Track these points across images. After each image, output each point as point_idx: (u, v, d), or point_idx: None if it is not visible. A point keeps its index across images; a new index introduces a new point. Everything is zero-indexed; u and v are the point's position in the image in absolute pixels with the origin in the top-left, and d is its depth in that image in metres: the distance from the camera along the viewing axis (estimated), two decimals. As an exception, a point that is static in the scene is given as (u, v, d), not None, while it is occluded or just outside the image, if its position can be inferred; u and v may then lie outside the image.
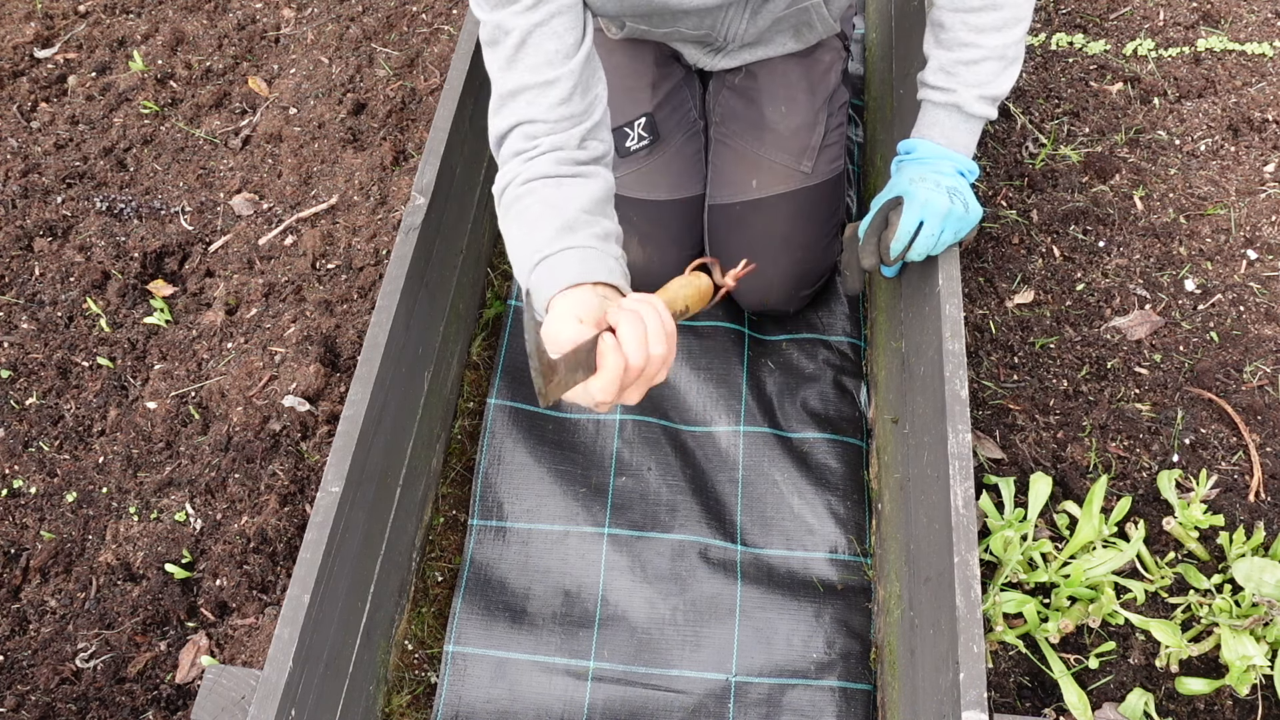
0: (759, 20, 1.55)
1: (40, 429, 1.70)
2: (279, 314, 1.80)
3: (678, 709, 1.50)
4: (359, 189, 1.97)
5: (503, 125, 1.26)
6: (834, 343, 1.83)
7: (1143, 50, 2.09)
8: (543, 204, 1.19)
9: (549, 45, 1.23)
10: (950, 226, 1.34)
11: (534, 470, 1.69)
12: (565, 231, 1.16)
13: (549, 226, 1.16)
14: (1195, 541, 1.43)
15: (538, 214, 1.18)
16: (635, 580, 1.59)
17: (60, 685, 1.44)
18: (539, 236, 1.16)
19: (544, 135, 1.24)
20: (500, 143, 1.28)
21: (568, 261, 1.13)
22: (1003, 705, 1.33)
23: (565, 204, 1.19)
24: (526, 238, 1.18)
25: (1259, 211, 1.81)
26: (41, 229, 1.94)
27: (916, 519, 1.35)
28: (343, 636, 1.31)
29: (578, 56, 1.24)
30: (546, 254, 1.14)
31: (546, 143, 1.24)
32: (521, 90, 1.24)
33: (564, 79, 1.23)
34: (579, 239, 1.15)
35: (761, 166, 1.70)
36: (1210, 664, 1.35)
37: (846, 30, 1.78)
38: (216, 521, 1.58)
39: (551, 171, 1.23)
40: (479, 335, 1.87)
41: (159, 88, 2.19)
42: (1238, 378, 1.62)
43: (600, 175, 1.27)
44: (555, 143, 1.24)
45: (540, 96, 1.23)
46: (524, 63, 1.23)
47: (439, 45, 2.21)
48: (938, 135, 1.38)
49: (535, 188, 1.22)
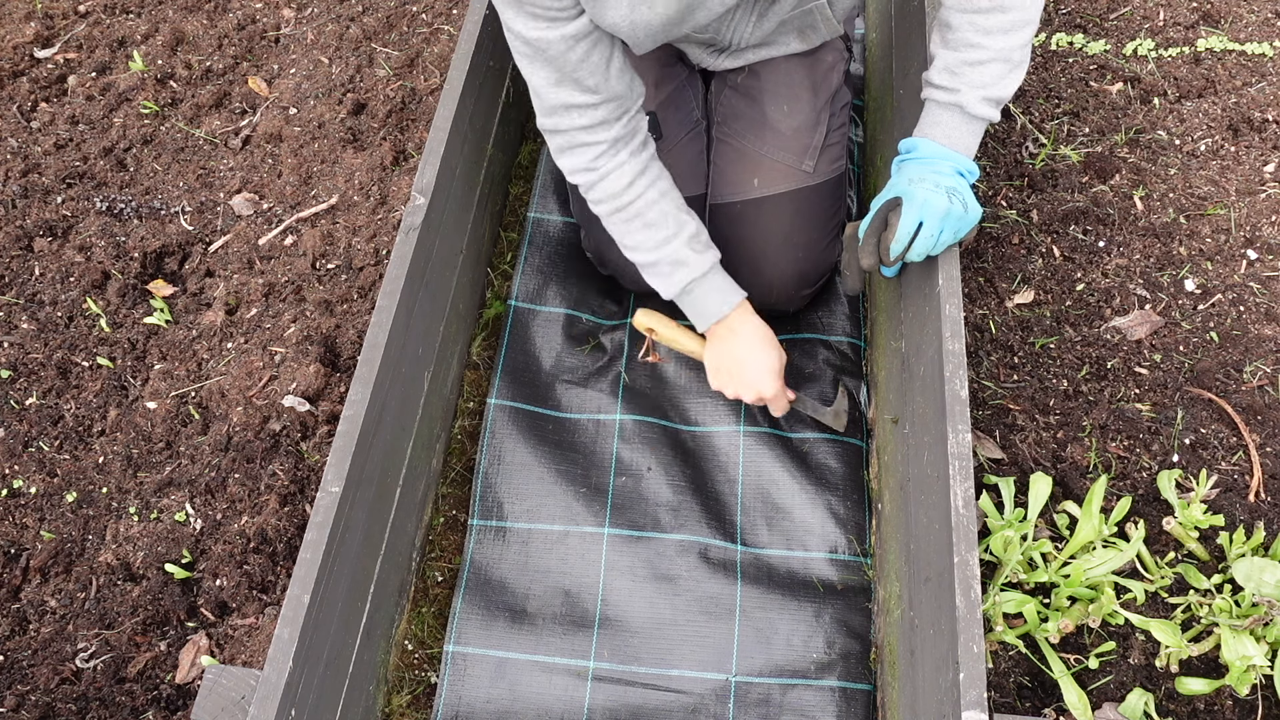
0: (765, 23, 1.56)
1: (40, 429, 1.70)
2: (279, 314, 1.81)
3: (678, 709, 1.50)
4: (359, 189, 1.97)
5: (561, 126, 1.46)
6: (834, 343, 1.83)
7: (1143, 50, 2.09)
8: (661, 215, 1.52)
9: (594, 57, 1.37)
10: (949, 227, 1.34)
11: (534, 470, 1.69)
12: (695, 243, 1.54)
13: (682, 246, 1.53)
14: (1195, 541, 1.43)
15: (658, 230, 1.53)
16: (635, 580, 1.59)
17: (60, 685, 1.44)
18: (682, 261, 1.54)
19: (606, 133, 1.46)
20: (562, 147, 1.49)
21: (717, 279, 1.57)
22: (1003, 705, 1.33)
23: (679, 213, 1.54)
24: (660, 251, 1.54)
25: (1259, 211, 1.81)
26: (41, 229, 1.94)
27: (916, 519, 1.35)
28: (343, 636, 1.31)
29: (615, 62, 1.41)
30: (700, 271, 1.54)
31: (608, 137, 1.46)
32: (578, 104, 1.42)
33: (615, 85, 1.42)
34: (710, 252, 1.56)
35: (763, 165, 1.70)
36: (1210, 664, 1.35)
37: (849, 31, 1.78)
38: (216, 521, 1.58)
39: (637, 169, 1.49)
40: (479, 335, 1.87)
41: (159, 88, 2.19)
42: (1238, 378, 1.62)
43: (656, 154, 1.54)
44: (616, 135, 1.46)
45: (596, 110, 1.43)
46: (578, 79, 1.39)
47: (439, 45, 2.21)
48: (939, 135, 1.38)
49: (638, 193, 1.50)
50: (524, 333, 1.85)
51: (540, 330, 1.85)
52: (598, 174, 1.50)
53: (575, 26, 1.34)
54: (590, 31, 1.35)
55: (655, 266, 1.56)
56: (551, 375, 1.80)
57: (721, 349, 1.62)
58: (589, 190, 1.53)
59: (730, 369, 1.62)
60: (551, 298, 1.88)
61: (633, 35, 1.38)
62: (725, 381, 1.63)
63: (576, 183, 1.53)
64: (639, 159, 1.50)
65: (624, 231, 1.55)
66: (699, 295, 1.57)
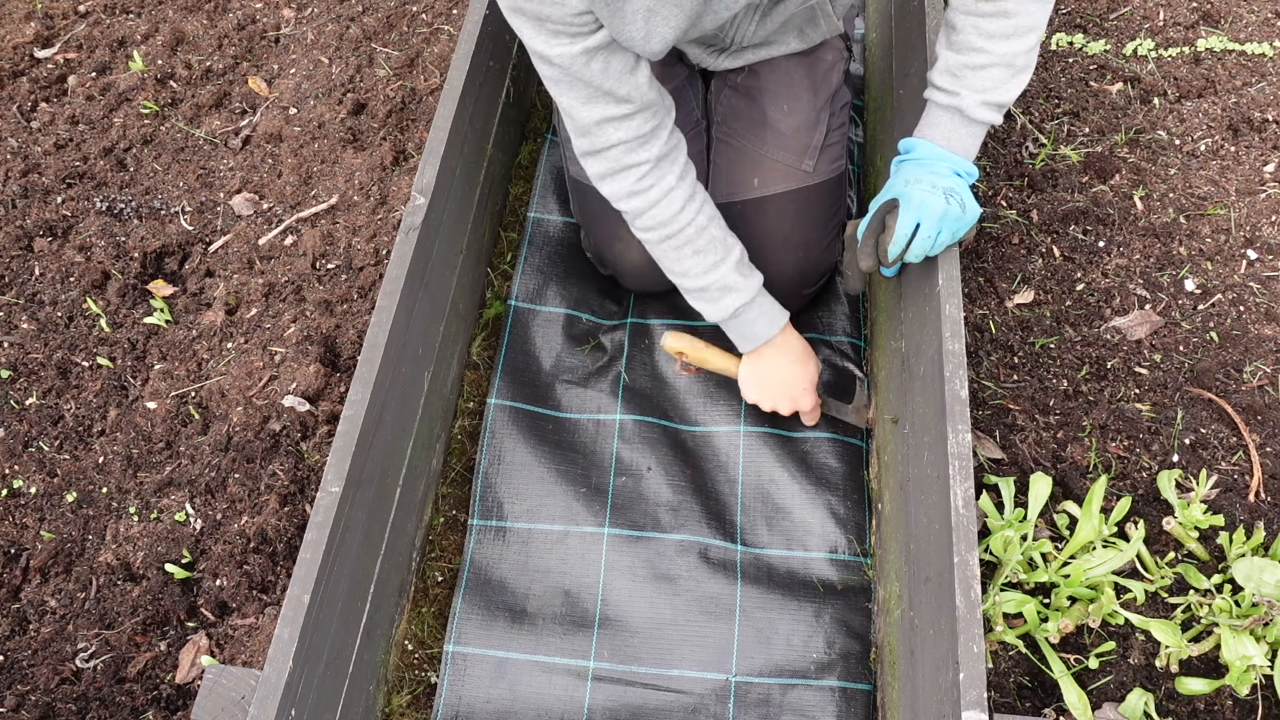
0: (769, 22, 1.56)
1: (40, 429, 1.70)
2: (279, 314, 1.81)
3: (678, 709, 1.50)
4: (359, 189, 1.97)
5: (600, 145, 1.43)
6: (834, 342, 1.83)
7: (1143, 50, 2.09)
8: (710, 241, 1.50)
9: (615, 65, 1.35)
10: (947, 228, 1.34)
11: (534, 470, 1.69)
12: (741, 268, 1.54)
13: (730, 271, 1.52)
14: (1195, 541, 1.43)
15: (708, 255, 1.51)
16: (635, 580, 1.59)
17: (60, 685, 1.44)
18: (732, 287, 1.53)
19: (644, 150, 1.43)
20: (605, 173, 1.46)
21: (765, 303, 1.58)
22: (1003, 705, 1.33)
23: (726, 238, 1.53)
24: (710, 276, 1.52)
25: (1259, 211, 1.81)
26: (41, 229, 1.94)
27: (916, 519, 1.35)
28: (343, 636, 1.31)
29: (642, 70, 1.39)
30: (750, 296, 1.54)
31: (649, 156, 1.43)
32: (612, 116, 1.39)
33: (647, 94, 1.40)
34: (756, 275, 1.56)
35: (763, 165, 1.70)
36: (1210, 664, 1.35)
37: (849, 30, 1.78)
38: (216, 521, 1.58)
39: (685, 194, 1.47)
40: (479, 335, 1.87)
41: (159, 88, 2.19)
42: (1238, 378, 1.62)
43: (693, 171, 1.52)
44: (656, 154, 1.43)
45: (631, 120, 1.40)
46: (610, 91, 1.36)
47: (439, 45, 2.21)
48: (938, 137, 1.38)
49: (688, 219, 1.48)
50: (524, 333, 1.85)
51: (540, 330, 1.85)
52: (645, 200, 1.46)
53: (595, 40, 1.32)
54: (609, 43, 1.34)
55: (704, 292, 1.54)
56: (551, 375, 1.80)
57: (763, 366, 1.62)
58: (637, 218, 1.49)
59: (769, 384, 1.63)
60: (551, 298, 1.88)
61: (647, 47, 1.37)
62: (761, 395, 1.64)
63: (624, 209, 1.49)
64: (685, 183, 1.48)
65: (673, 259, 1.52)
66: (748, 319, 1.56)
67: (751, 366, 1.63)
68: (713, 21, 1.43)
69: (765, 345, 1.59)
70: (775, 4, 1.52)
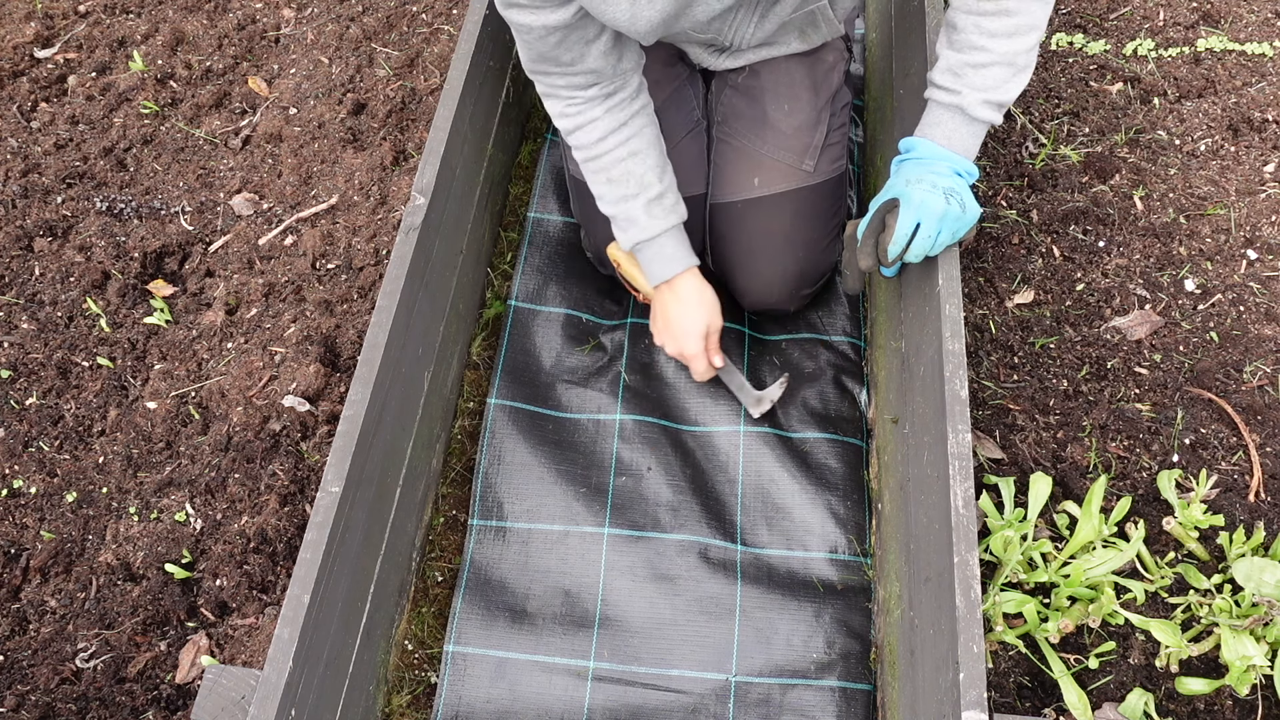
0: (767, 23, 1.56)
1: (40, 429, 1.70)
2: (279, 314, 1.81)
3: (678, 709, 1.50)
4: (359, 189, 1.97)
5: (542, 80, 1.52)
6: (834, 342, 1.83)
7: (1143, 50, 2.09)
8: (625, 174, 1.56)
9: (573, 38, 1.42)
10: (947, 228, 1.34)
11: (534, 470, 1.69)
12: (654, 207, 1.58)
13: (640, 207, 1.57)
14: (1195, 541, 1.43)
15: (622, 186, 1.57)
16: (635, 580, 1.59)
17: (60, 685, 1.44)
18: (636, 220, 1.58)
19: (582, 92, 1.51)
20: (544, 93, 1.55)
21: (668, 246, 1.61)
22: (1003, 705, 1.33)
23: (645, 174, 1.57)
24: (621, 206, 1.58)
25: (1259, 211, 1.81)
26: (41, 229, 1.94)
27: (916, 519, 1.35)
28: (343, 636, 1.31)
29: (601, 40, 1.45)
30: (652, 233, 1.58)
31: (585, 95, 1.51)
32: (556, 71, 1.48)
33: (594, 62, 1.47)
34: (667, 217, 1.59)
35: (764, 165, 1.70)
36: (1210, 664, 1.35)
37: (850, 32, 1.78)
38: (216, 521, 1.58)
39: (612, 125, 1.53)
40: (479, 335, 1.87)
41: (159, 88, 2.19)
42: (1238, 378, 1.62)
43: (648, 108, 1.59)
44: (593, 95, 1.51)
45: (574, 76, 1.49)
46: (555, 55, 1.44)
47: (439, 45, 2.21)
48: (939, 136, 1.38)
49: (609, 148, 1.54)
50: (524, 333, 1.85)
51: (540, 330, 1.85)
52: (572, 122, 1.55)
53: (556, 17, 1.37)
54: (568, 24, 1.39)
55: (614, 220, 1.62)
56: (551, 375, 1.80)
57: (660, 304, 1.69)
58: (567, 135, 1.58)
59: (663, 323, 1.69)
60: (551, 298, 1.88)
61: (633, 29, 1.38)
62: (658, 333, 1.71)
63: (556, 125, 1.59)
64: (616, 115, 1.54)
65: (591, 181, 1.61)
66: (647, 256, 1.62)
67: (654, 302, 1.71)
68: (704, 12, 1.43)
69: (663, 285, 1.65)
70: (773, 4, 1.52)
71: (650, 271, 1.64)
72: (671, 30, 1.46)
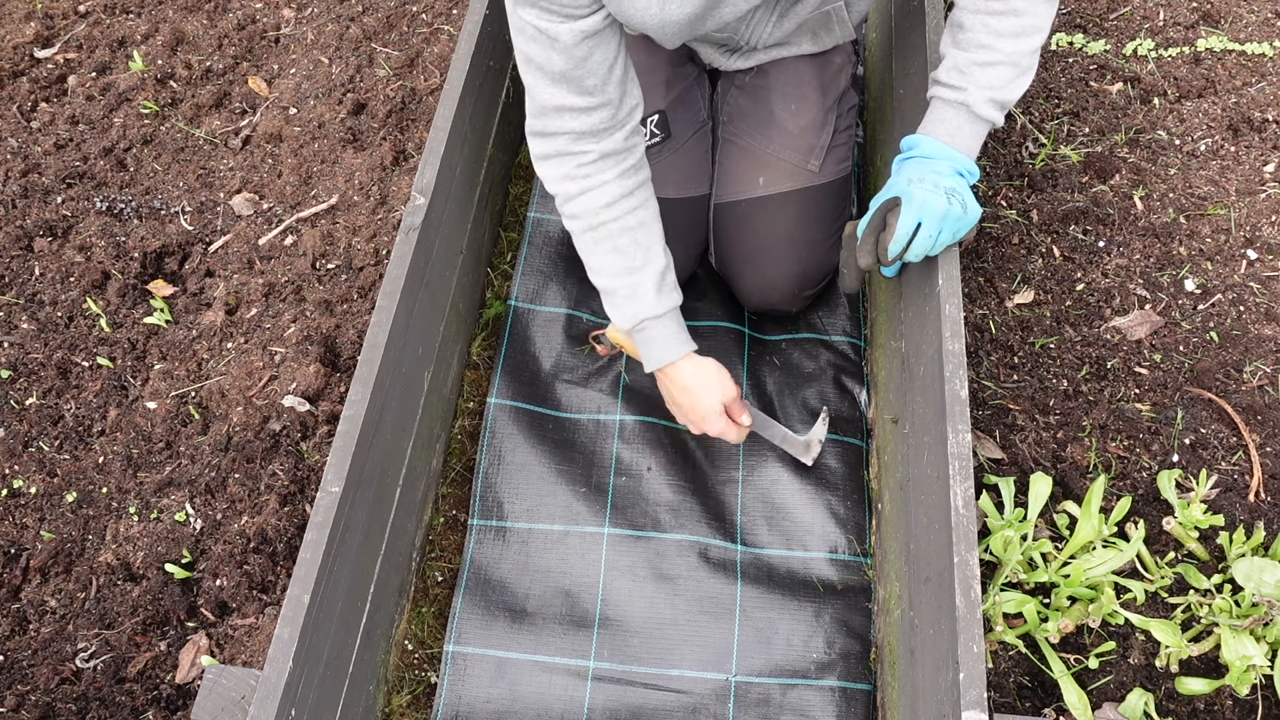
0: (785, 24, 1.56)
1: (40, 429, 1.70)
2: (279, 314, 1.81)
3: (678, 709, 1.50)
4: (359, 189, 1.97)
5: (550, 130, 1.42)
6: (834, 342, 1.83)
7: (1143, 50, 2.09)
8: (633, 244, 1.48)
9: (597, 58, 1.35)
10: (948, 227, 1.34)
11: (534, 470, 1.69)
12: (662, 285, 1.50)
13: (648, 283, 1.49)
14: (1195, 541, 1.43)
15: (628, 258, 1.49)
16: (635, 580, 1.59)
17: (60, 685, 1.44)
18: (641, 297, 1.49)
19: (594, 144, 1.42)
20: (546, 154, 1.45)
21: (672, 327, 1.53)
22: (1003, 705, 1.33)
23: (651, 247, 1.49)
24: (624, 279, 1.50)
25: (1259, 211, 1.81)
26: (41, 229, 1.94)
27: (916, 519, 1.35)
28: (343, 636, 1.31)
29: (619, 64, 1.39)
30: (657, 314, 1.50)
31: (597, 150, 1.42)
32: (571, 107, 1.39)
33: (613, 91, 1.39)
34: (672, 297, 1.52)
35: (769, 164, 1.70)
36: (1210, 664, 1.35)
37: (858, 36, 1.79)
38: (216, 521, 1.58)
39: (622, 191, 1.45)
40: (479, 335, 1.87)
41: (159, 88, 2.19)
42: (1238, 378, 1.62)
43: (649, 180, 1.51)
44: (605, 149, 1.43)
45: (590, 114, 1.40)
46: (579, 80, 1.36)
47: (439, 45, 2.21)
48: (942, 133, 1.38)
49: (616, 215, 1.46)
50: (524, 333, 1.85)
51: (540, 330, 1.85)
52: (578, 186, 1.45)
53: (586, 24, 1.32)
54: (599, 30, 1.33)
55: (613, 295, 1.52)
56: (551, 375, 1.80)
57: (667, 388, 1.60)
58: (566, 202, 1.47)
59: (678, 409, 1.61)
60: (551, 298, 1.88)
61: (661, 32, 1.37)
62: (679, 415, 1.63)
63: (555, 192, 1.48)
64: (627, 181, 1.46)
65: (591, 253, 1.50)
66: (650, 335, 1.53)
67: (660, 384, 1.61)
68: (732, 12, 1.42)
69: (668, 368, 1.56)
70: (793, 3, 1.52)
71: (651, 354, 1.54)
72: (695, 33, 1.45)
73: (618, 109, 1.41)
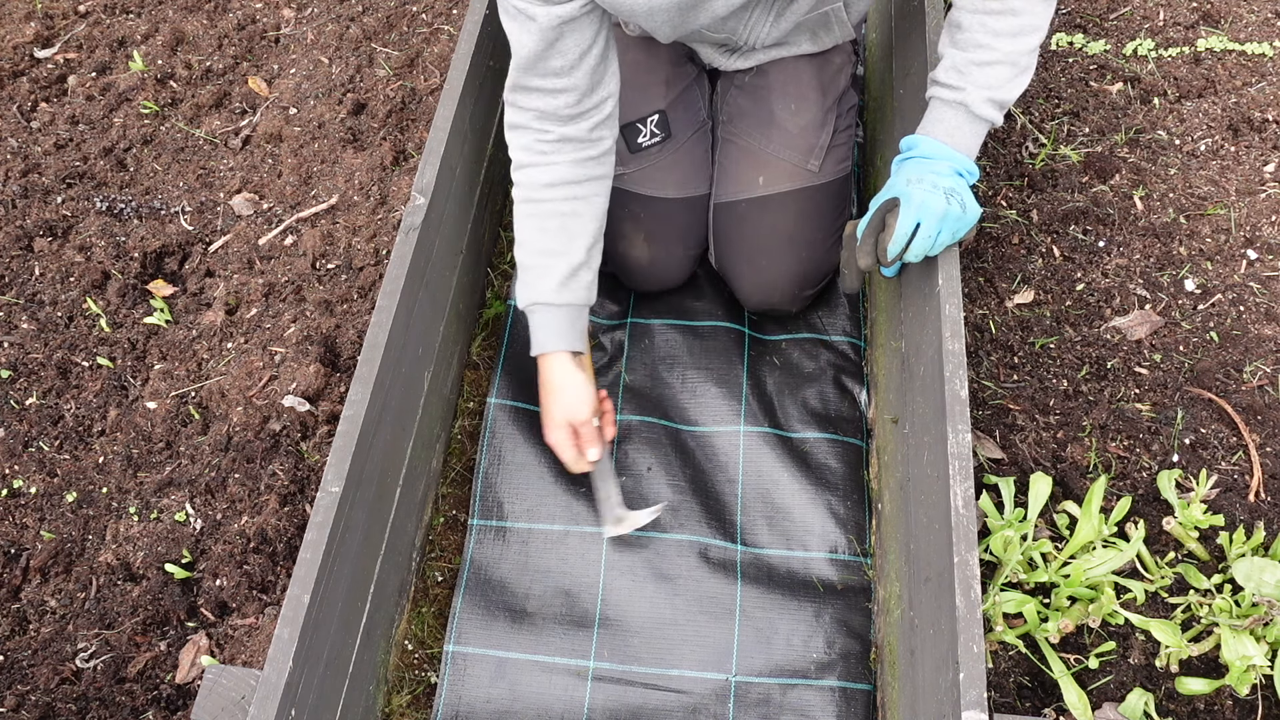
0: (782, 23, 1.56)
1: (40, 429, 1.70)
2: (279, 314, 1.81)
3: (678, 709, 1.50)
4: (359, 189, 1.97)
5: (520, 104, 1.46)
6: (834, 342, 1.83)
7: (1143, 50, 2.09)
8: (560, 228, 1.49)
9: (569, 42, 1.37)
10: (947, 228, 1.34)
11: (534, 470, 1.69)
12: (569, 280, 1.50)
13: (558, 271, 1.50)
14: (1195, 541, 1.43)
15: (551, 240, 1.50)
16: (635, 580, 1.59)
17: (60, 685, 1.44)
18: (546, 280, 1.50)
19: (556, 127, 1.45)
20: (514, 123, 1.49)
21: (562, 322, 1.52)
22: (1003, 705, 1.33)
23: (575, 239, 1.50)
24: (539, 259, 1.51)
25: (1259, 211, 1.82)
26: (41, 229, 1.94)
27: (916, 519, 1.35)
28: (343, 636, 1.31)
29: (593, 53, 1.40)
30: (552, 302, 1.51)
31: (558, 133, 1.45)
32: (538, 88, 1.42)
33: (580, 78, 1.41)
34: (574, 294, 1.51)
35: (769, 164, 1.70)
36: (1210, 664, 1.35)
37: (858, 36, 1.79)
38: (216, 521, 1.58)
39: (568, 177, 1.47)
40: (479, 335, 1.87)
41: (159, 88, 2.19)
42: (1238, 378, 1.62)
43: (607, 181, 1.52)
44: (567, 134, 1.45)
45: (555, 96, 1.42)
46: (546, 61, 1.39)
47: (439, 45, 2.21)
48: (941, 133, 1.38)
49: (554, 196, 1.49)
50: (524, 333, 1.84)
51: (540, 330, 1.85)
52: (530, 158, 1.48)
53: (564, 10, 1.34)
54: (575, 17, 1.36)
55: (526, 270, 1.53)
56: (551, 375, 1.80)
57: (539, 379, 1.60)
58: (516, 170, 1.51)
59: (540, 402, 1.60)
60: (551, 298, 1.88)
61: (650, 20, 1.38)
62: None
63: (512, 157, 1.51)
64: (578, 170, 1.47)
65: (521, 225, 1.53)
66: (540, 321, 1.54)
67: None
68: (723, 6, 1.42)
69: (543, 357, 1.56)
70: (789, 2, 1.52)
71: (535, 339, 1.55)
72: (689, 26, 1.45)
73: (585, 97, 1.43)
